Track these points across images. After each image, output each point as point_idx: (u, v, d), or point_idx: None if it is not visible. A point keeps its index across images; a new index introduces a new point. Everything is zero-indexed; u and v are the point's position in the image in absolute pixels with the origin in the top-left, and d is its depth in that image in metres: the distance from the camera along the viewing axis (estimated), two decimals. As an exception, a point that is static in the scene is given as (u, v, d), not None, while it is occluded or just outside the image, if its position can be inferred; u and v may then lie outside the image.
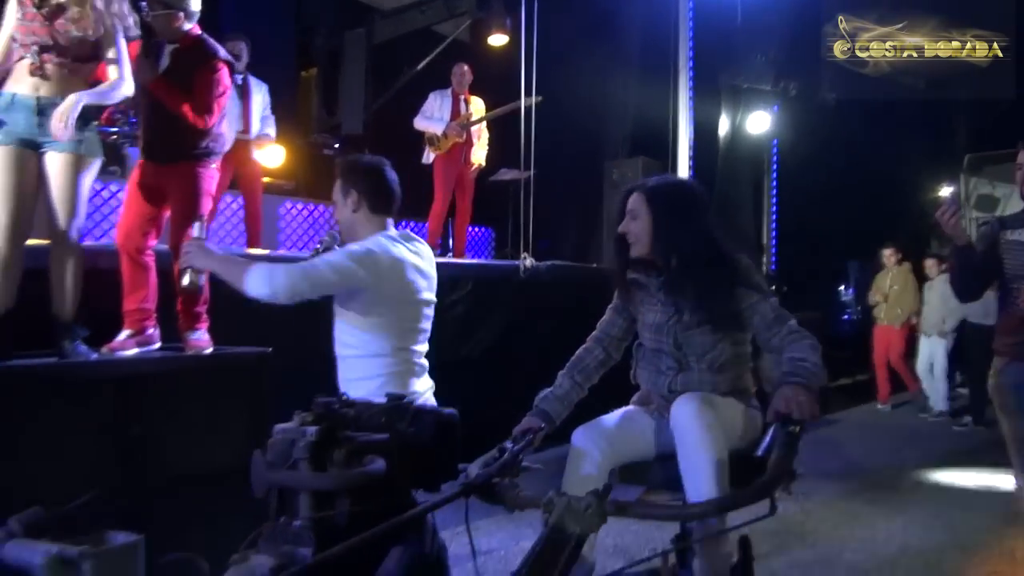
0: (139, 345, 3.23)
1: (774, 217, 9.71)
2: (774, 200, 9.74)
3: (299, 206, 7.00)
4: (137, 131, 5.49)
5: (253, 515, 2.64)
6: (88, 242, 4.70)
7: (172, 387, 3.04)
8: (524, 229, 6.22)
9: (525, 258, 5.94)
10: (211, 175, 3.46)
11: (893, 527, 4.24)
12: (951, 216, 2.75)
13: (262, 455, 1.45)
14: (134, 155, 5.72)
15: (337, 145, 7.78)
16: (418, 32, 8.54)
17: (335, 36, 8.50)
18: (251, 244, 5.51)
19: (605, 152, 8.71)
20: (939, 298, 7.53)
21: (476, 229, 7.99)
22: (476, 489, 1.60)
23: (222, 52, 3.48)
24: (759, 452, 2.02)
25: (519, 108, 6.41)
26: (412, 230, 8.49)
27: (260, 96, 5.58)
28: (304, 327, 3.16)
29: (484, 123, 6.60)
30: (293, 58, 8.29)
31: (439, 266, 2.72)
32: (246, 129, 5.39)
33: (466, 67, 6.60)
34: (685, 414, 2.02)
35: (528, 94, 6.41)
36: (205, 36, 3.46)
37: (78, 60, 2.95)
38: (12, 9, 2.91)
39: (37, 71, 2.87)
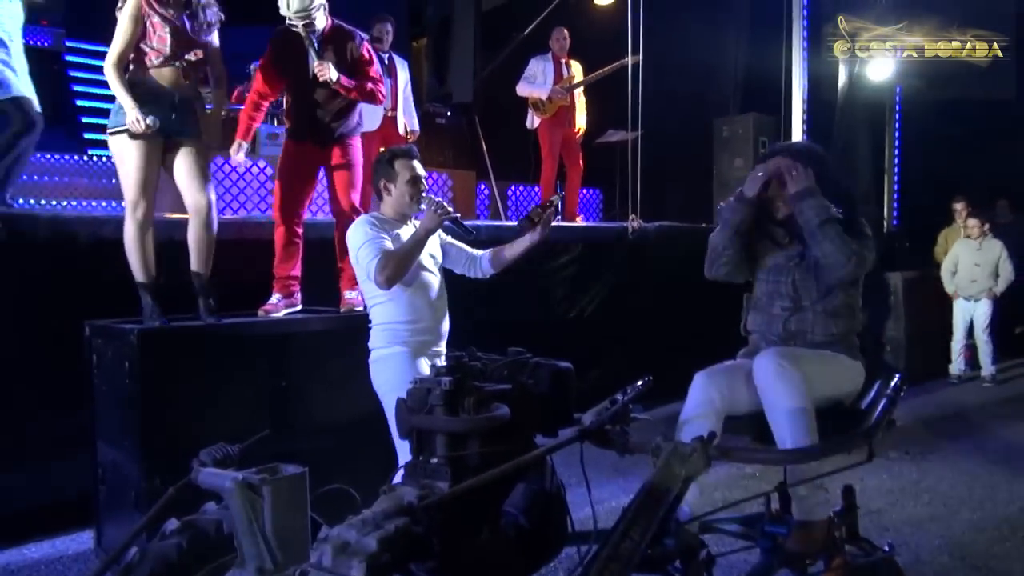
0: (287, 308, 3.64)
1: (896, 169, 9.25)
2: (897, 151, 9.27)
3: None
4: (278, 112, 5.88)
5: (383, 458, 2.94)
6: (229, 215, 5.16)
7: (314, 344, 3.41)
8: (632, 190, 6.26)
9: (632, 219, 6.00)
10: (360, 147, 3.83)
11: (1016, 488, 4.13)
12: None
13: (404, 402, 1.67)
14: (263, 131, 6.13)
15: (449, 113, 8.00)
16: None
17: (445, 4, 8.67)
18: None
19: (714, 109, 8.54)
20: (993, 260, 7.14)
21: (585, 191, 8.05)
22: (590, 434, 1.77)
23: (360, 31, 3.78)
24: (863, 404, 2.12)
25: (620, 68, 6.38)
26: (521, 195, 8.54)
27: (404, 74, 5.75)
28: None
29: (582, 87, 6.62)
30: (406, 27, 8.53)
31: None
32: (394, 106, 5.54)
33: (565, 31, 6.60)
34: (763, 367, 2.15)
35: (634, 52, 6.38)
36: (337, 21, 3.72)
37: (202, 62, 3.33)
38: (151, 23, 3.16)
39: (184, 77, 3.25)
